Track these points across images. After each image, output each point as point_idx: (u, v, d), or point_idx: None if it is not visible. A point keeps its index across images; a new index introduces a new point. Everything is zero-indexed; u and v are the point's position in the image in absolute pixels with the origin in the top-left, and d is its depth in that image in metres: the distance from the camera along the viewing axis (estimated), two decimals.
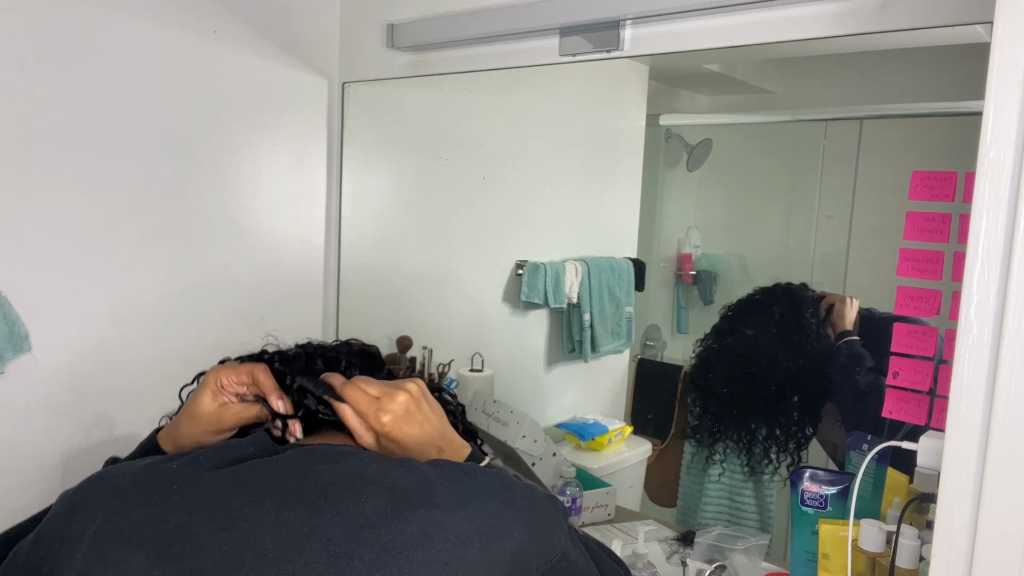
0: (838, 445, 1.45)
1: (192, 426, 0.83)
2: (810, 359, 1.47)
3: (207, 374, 0.85)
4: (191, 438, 0.83)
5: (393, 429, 0.79)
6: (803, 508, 1.06)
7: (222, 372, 0.83)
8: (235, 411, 0.83)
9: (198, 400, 0.83)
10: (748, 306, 1.54)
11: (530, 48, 1.26)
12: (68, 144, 1.20)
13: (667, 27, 1.10)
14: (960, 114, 1.19)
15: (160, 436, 0.87)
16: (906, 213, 0.92)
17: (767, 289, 1.53)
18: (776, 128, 1.70)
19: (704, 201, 1.85)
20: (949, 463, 0.68)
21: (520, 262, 1.75)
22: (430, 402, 0.84)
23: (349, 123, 1.59)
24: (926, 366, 0.92)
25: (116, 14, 1.24)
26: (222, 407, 0.83)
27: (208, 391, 0.83)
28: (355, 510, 0.64)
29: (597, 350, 1.79)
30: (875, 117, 1.51)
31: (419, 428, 0.80)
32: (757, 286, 1.54)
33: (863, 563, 0.98)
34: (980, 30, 0.82)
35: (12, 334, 1.13)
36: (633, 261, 1.84)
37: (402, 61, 1.46)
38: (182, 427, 0.84)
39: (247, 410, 0.83)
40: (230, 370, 0.84)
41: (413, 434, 0.80)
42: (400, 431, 0.79)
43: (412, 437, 0.80)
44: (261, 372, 0.83)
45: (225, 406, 0.83)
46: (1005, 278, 0.64)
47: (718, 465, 1.60)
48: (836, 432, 1.46)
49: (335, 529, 0.63)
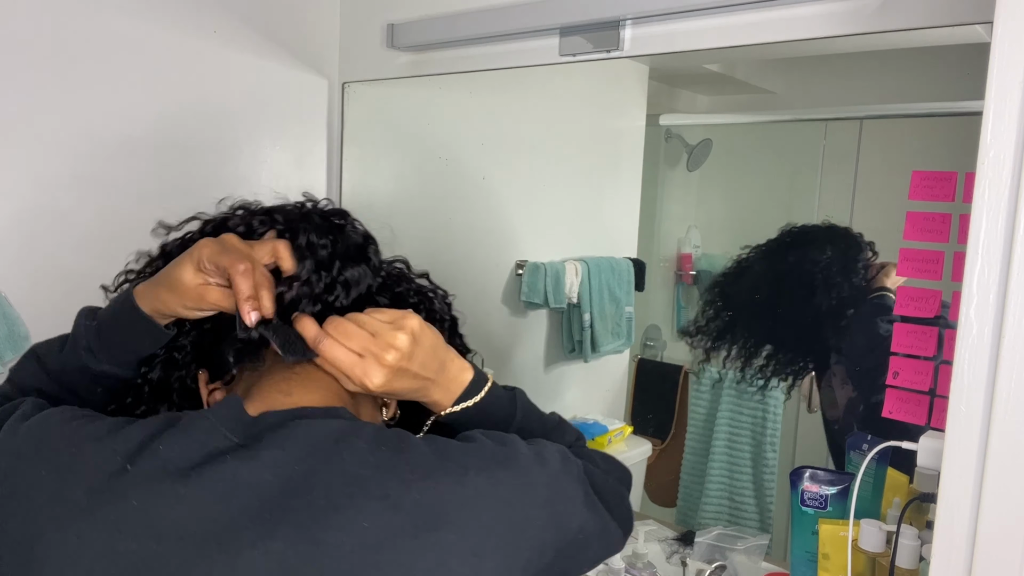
0: (838, 402, 1.48)
1: (171, 296, 0.72)
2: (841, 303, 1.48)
3: (194, 245, 0.72)
4: (169, 307, 0.72)
5: (384, 388, 0.70)
6: (803, 508, 1.06)
7: (207, 249, 0.71)
8: (215, 297, 0.71)
9: (180, 271, 0.71)
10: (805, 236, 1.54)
11: (530, 48, 1.26)
12: (68, 144, 1.20)
13: (667, 27, 1.10)
14: (960, 114, 1.19)
15: (138, 293, 0.75)
16: (906, 213, 0.92)
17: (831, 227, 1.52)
18: (776, 128, 1.70)
19: (704, 201, 1.85)
20: (949, 463, 0.68)
21: (520, 262, 1.75)
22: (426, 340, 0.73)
23: (349, 123, 1.59)
24: (926, 366, 0.92)
25: (116, 14, 1.24)
26: (203, 287, 0.71)
27: (191, 264, 0.71)
28: (358, 534, 0.58)
29: (597, 350, 1.79)
30: (875, 117, 1.51)
31: (412, 380, 0.72)
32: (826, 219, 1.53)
33: (863, 563, 0.98)
34: (980, 30, 0.82)
35: (12, 334, 1.13)
36: (633, 261, 1.84)
37: (402, 61, 1.46)
38: (162, 293, 0.72)
39: (227, 299, 0.70)
40: (216, 253, 0.70)
41: (406, 387, 0.72)
42: (391, 388, 0.71)
43: (406, 388, 0.72)
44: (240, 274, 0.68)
45: (207, 287, 0.71)
46: (1005, 278, 0.64)
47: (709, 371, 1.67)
48: (841, 389, 1.47)
49: (337, 558, 0.57)
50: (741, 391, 1.62)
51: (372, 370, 0.69)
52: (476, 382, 0.78)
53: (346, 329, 0.70)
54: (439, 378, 0.75)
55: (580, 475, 0.72)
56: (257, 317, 0.68)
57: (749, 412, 1.61)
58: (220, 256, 0.69)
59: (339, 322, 0.71)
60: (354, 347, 0.70)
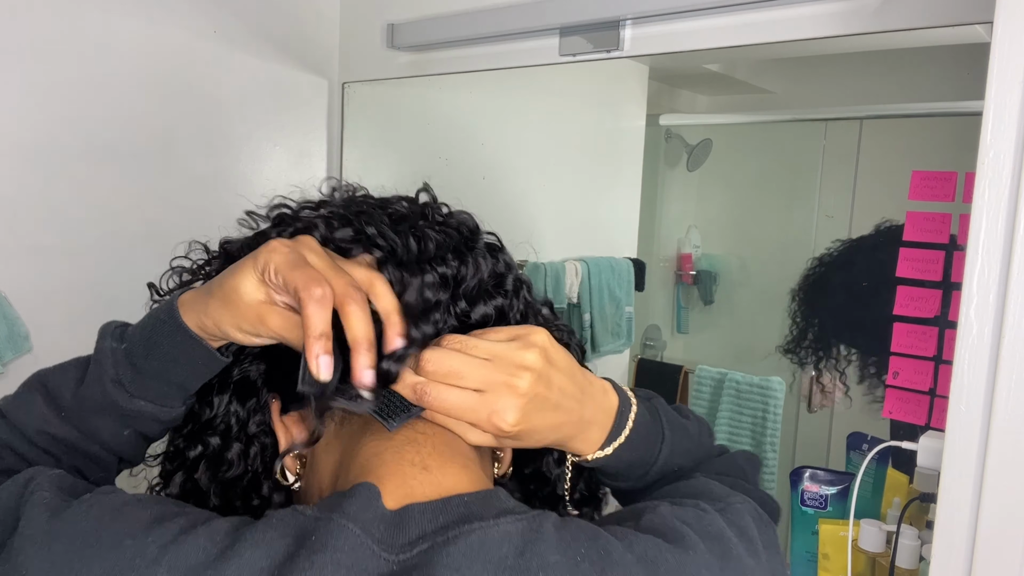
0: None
1: (223, 312, 0.53)
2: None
3: (263, 247, 0.53)
4: (219, 326, 0.54)
5: (520, 428, 0.53)
6: (803, 508, 1.06)
7: (278, 255, 0.51)
8: (277, 323, 0.52)
9: (240, 282, 0.53)
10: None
11: (530, 48, 1.26)
12: (67, 145, 1.20)
13: (667, 27, 1.10)
14: (960, 114, 1.19)
15: (183, 304, 0.57)
16: (906, 213, 0.92)
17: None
18: (776, 128, 1.70)
19: (704, 201, 1.85)
20: (949, 463, 0.68)
21: (520, 262, 1.75)
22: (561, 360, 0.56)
23: (349, 123, 1.59)
24: (926, 366, 0.92)
25: (115, 14, 1.24)
26: (266, 306, 0.52)
27: (253, 273, 0.52)
28: None
29: (597, 350, 1.79)
30: (875, 117, 1.50)
31: (553, 413, 0.55)
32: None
33: (863, 563, 0.98)
34: (980, 30, 0.82)
35: (12, 334, 1.13)
36: (633, 261, 1.84)
37: (402, 61, 1.46)
38: (212, 307, 0.54)
39: (294, 331, 0.51)
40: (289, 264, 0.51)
41: (547, 424, 0.55)
42: (529, 426, 0.53)
43: (547, 426, 0.55)
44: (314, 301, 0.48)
45: (269, 306, 0.52)
46: (1005, 278, 0.64)
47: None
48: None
49: None
50: (741, 391, 1.61)
51: (503, 406, 0.52)
52: (623, 409, 0.61)
53: (452, 363, 0.52)
54: (583, 409, 0.57)
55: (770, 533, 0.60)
56: (329, 370, 0.49)
57: (749, 412, 1.61)
58: (292, 270, 0.50)
59: (440, 356, 0.52)
60: (471, 383, 0.52)
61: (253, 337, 0.54)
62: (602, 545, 0.48)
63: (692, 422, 0.70)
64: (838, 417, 1.52)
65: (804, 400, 1.54)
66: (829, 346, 1.52)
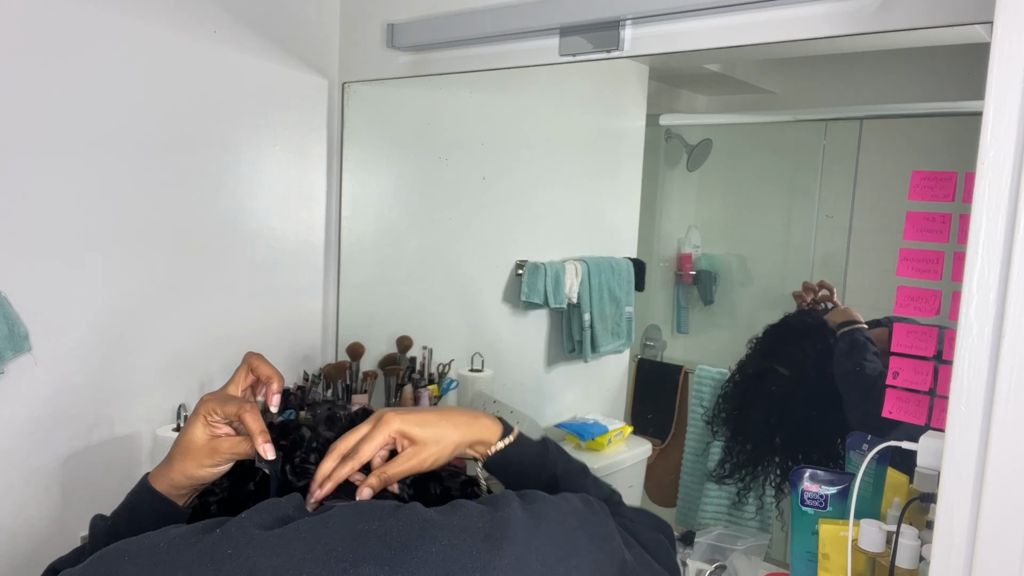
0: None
1: (185, 460, 0.78)
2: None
3: (198, 404, 0.80)
4: (185, 473, 0.78)
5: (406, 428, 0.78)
6: (803, 508, 1.06)
7: (212, 403, 0.78)
8: (228, 445, 0.78)
9: (190, 432, 0.78)
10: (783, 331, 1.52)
11: (530, 48, 1.26)
12: (68, 144, 1.20)
13: (667, 27, 1.10)
14: (960, 114, 1.19)
15: (152, 476, 0.80)
16: (906, 213, 0.92)
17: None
18: (776, 128, 1.70)
19: (704, 201, 1.85)
20: (949, 463, 0.68)
21: (520, 262, 1.75)
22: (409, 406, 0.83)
23: (349, 123, 1.59)
24: (926, 366, 0.92)
25: (116, 14, 1.24)
26: (215, 439, 0.78)
27: (199, 422, 0.78)
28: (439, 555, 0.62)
29: (597, 350, 1.79)
30: (875, 117, 1.50)
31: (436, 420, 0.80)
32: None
33: (863, 563, 0.98)
34: (980, 30, 0.82)
35: (12, 334, 1.13)
36: (633, 261, 1.84)
37: (402, 61, 1.46)
38: (175, 463, 0.78)
39: (240, 444, 0.77)
40: (219, 403, 0.78)
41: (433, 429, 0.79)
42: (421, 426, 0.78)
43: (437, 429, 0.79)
44: (247, 413, 0.77)
45: (218, 438, 0.78)
46: (1005, 278, 0.64)
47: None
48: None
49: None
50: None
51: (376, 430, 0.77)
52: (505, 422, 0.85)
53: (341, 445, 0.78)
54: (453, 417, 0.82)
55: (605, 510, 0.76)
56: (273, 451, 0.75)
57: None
58: (225, 405, 0.78)
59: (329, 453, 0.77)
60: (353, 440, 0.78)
61: (213, 469, 0.78)
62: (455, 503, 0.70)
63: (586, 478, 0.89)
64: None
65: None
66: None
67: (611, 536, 0.73)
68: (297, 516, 0.67)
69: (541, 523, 0.68)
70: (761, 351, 1.55)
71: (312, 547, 0.62)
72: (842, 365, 1.39)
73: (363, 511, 0.66)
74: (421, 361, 1.64)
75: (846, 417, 1.37)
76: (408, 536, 0.63)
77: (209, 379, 1.45)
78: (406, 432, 0.78)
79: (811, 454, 1.48)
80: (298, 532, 0.63)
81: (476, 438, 0.82)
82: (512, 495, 0.70)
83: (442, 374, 1.64)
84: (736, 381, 1.59)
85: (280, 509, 0.67)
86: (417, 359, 1.64)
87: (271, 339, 1.55)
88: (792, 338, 1.51)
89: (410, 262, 1.69)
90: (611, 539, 0.73)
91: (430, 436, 0.78)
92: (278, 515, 0.67)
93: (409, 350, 1.65)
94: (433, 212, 1.72)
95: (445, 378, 1.64)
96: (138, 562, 0.62)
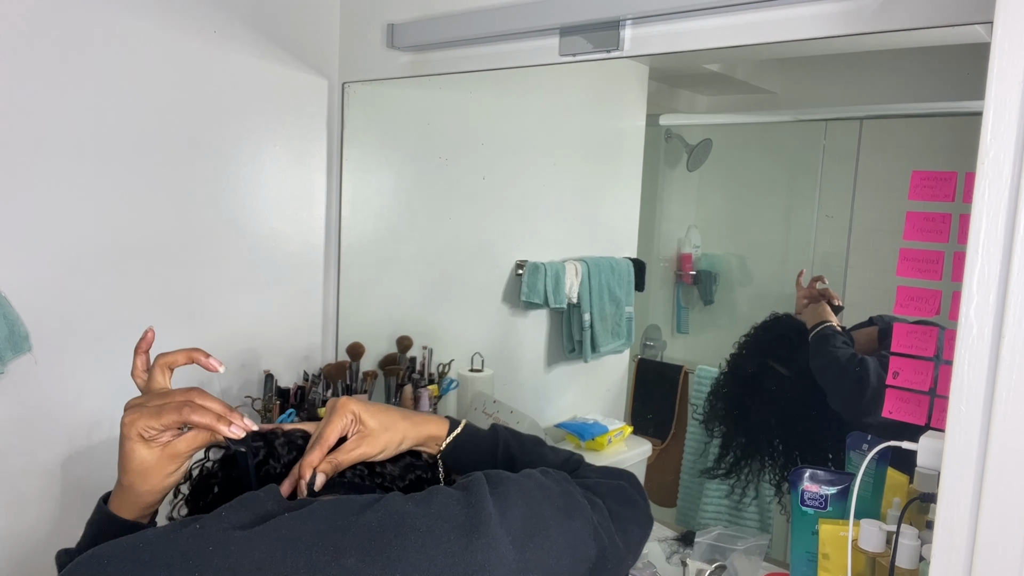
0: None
1: (147, 480, 0.73)
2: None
3: (123, 425, 0.72)
4: (154, 491, 0.74)
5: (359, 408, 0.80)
6: (803, 508, 1.06)
7: (142, 419, 0.71)
8: (186, 444, 0.73)
9: (134, 456, 0.72)
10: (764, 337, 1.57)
11: (530, 48, 1.26)
12: (68, 145, 1.20)
13: (667, 27, 1.10)
14: (960, 114, 1.19)
15: (115, 507, 0.75)
16: (906, 213, 0.92)
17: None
18: (776, 128, 1.70)
19: (704, 201, 1.85)
20: (949, 463, 0.68)
21: (520, 262, 1.75)
22: (363, 399, 0.84)
23: (349, 123, 1.59)
24: (926, 366, 0.92)
25: (116, 15, 1.24)
26: (166, 447, 0.72)
27: (139, 445, 0.72)
28: (417, 543, 0.64)
29: (597, 350, 1.79)
30: (875, 117, 1.50)
31: (386, 409, 0.83)
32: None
33: (863, 563, 0.98)
34: (980, 30, 0.82)
35: (12, 334, 1.13)
36: (633, 261, 1.84)
37: (402, 61, 1.46)
38: (137, 487, 0.73)
39: (199, 436, 0.73)
40: (152, 416, 0.71)
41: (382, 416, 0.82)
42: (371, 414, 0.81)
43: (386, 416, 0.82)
44: (194, 414, 0.71)
45: (169, 444, 0.73)
46: (1005, 278, 0.64)
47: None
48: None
49: (407, 567, 0.63)
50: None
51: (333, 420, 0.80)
52: (452, 419, 0.89)
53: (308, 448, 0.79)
54: (418, 421, 0.85)
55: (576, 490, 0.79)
56: (239, 426, 0.73)
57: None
58: (159, 416, 0.71)
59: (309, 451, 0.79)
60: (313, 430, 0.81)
61: (182, 468, 0.75)
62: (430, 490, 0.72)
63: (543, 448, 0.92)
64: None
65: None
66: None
67: (576, 503, 0.76)
68: (277, 511, 0.67)
69: (508, 504, 0.70)
70: (748, 350, 1.60)
71: (294, 542, 0.63)
72: (816, 362, 1.46)
73: (342, 505, 0.68)
74: (421, 361, 1.64)
75: (829, 408, 1.43)
76: (387, 527, 0.65)
77: (209, 378, 1.45)
78: (359, 415, 0.81)
79: (805, 449, 1.52)
80: (279, 528, 0.64)
81: (427, 434, 0.86)
82: (481, 478, 0.73)
83: (442, 374, 1.64)
84: (725, 378, 1.63)
85: (260, 505, 0.68)
86: (417, 359, 1.64)
87: (271, 338, 1.55)
88: (769, 339, 1.57)
89: (410, 262, 1.69)
90: (577, 506, 0.75)
91: (378, 423, 0.81)
92: (259, 512, 0.67)
93: (409, 350, 1.65)
94: (433, 212, 1.72)
95: (445, 378, 1.64)
96: (121, 564, 0.61)
